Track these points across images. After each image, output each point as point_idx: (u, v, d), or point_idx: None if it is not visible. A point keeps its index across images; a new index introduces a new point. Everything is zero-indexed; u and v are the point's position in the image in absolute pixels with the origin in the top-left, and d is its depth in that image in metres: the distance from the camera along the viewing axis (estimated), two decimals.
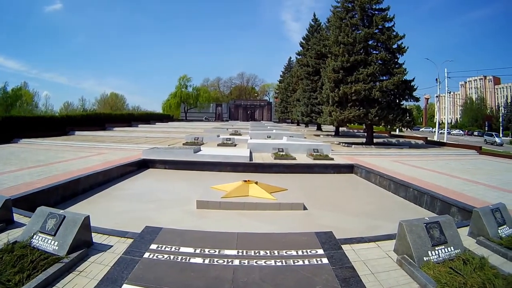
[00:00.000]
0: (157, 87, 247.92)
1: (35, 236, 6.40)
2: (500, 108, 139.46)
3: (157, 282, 5.20)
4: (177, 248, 6.27)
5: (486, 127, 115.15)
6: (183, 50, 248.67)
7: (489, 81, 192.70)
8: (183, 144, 29.36)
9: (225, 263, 5.80)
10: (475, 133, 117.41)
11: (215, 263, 5.81)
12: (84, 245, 6.46)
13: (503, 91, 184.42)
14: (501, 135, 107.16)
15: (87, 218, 6.58)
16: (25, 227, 6.89)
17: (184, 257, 5.97)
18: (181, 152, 21.25)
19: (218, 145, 30.08)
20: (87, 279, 5.53)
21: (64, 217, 6.51)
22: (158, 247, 6.33)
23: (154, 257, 5.97)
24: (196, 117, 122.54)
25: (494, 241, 7.83)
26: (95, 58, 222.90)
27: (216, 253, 6.13)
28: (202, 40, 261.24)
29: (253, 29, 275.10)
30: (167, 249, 6.27)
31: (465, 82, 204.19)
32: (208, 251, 6.17)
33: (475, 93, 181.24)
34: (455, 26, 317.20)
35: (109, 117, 55.97)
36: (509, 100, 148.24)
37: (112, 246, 6.88)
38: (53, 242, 6.21)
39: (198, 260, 5.88)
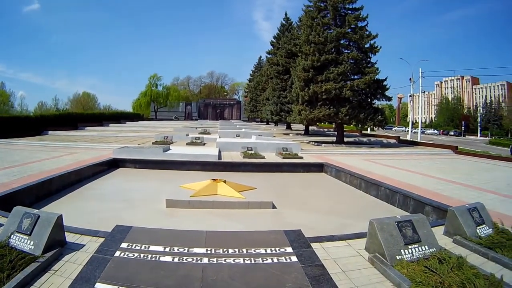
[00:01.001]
0: (128, 86, 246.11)
1: (12, 236, 6.52)
2: (479, 108, 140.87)
3: (128, 281, 5.26)
4: (147, 247, 6.35)
5: (463, 127, 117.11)
6: (153, 48, 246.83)
7: (466, 81, 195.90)
8: (153, 143, 29.70)
9: (194, 262, 5.87)
10: (451, 132, 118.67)
11: (185, 261, 5.89)
12: (58, 244, 6.57)
13: (482, 91, 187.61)
14: (479, 135, 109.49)
15: (60, 218, 6.68)
16: (3, 227, 7.02)
17: (154, 255, 6.04)
18: (151, 151, 21.54)
19: (187, 144, 30.41)
20: (62, 278, 5.62)
21: (39, 216, 6.60)
22: (128, 245, 6.41)
23: (125, 256, 6.03)
24: (166, 116, 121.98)
25: (473, 241, 7.93)
26: (69, 58, 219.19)
27: (185, 251, 6.19)
28: (172, 38, 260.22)
29: (224, 28, 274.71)
30: (137, 247, 6.35)
31: (441, 82, 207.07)
32: (177, 250, 6.23)
33: (451, 93, 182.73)
34: (432, 27, 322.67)
35: (81, 117, 55.81)
36: (488, 100, 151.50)
37: (84, 245, 6.99)
38: (29, 241, 6.33)
39: (168, 258, 5.95)
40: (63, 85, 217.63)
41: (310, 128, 61.01)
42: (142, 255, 6.06)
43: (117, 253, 6.10)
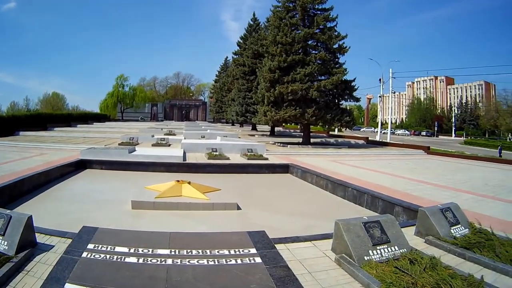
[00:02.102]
0: (96, 86, 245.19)
1: None
2: (453, 108, 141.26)
3: (95, 282, 5.29)
4: (113, 248, 6.35)
5: (436, 127, 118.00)
6: (120, 48, 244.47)
7: (440, 82, 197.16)
8: (119, 144, 29.72)
9: (158, 263, 5.91)
10: (423, 133, 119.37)
11: (149, 262, 5.92)
12: (29, 245, 6.68)
13: (457, 91, 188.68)
14: (453, 135, 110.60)
15: (30, 218, 6.79)
16: None
17: (119, 256, 6.04)
18: (116, 152, 21.67)
19: (153, 145, 30.63)
20: (34, 278, 5.70)
21: (11, 217, 6.72)
22: (95, 246, 6.41)
23: (92, 257, 6.03)
24: (132, 117, 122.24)
25: (447, 241, 7.97)
26: (39, 57, 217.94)
27: (150, 252, 6.22)
28: (140, 37, 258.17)
29: (192, 28, 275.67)
30: (103, 248, 6.34)
31: (413, 83, 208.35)
32: (142, 251, 6.24)
33: (423, 93, 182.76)
34: (404, 27, 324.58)
35: (51, 117, 55.53)
36: (463, 100, 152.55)
37: (54, 246, 7.05)
38: (3, 241, 6.45)
39: (133, 259, 5.96)
40: (34, 85, 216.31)
41: (276, 129, 61.55)
42: (108, 256, 6.08)
43: (84, 254, 6.12)
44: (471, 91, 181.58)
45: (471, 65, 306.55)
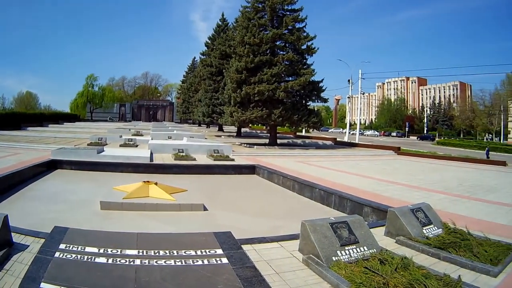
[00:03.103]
0: (68, 85, 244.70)
1: None
2: (425, 109, 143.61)
3: (68, 281, 5.26)
4: (83, 248, 6.30)
5: (407, 128, 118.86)
6: (90, 47, 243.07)
7: (412, 82, 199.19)
8: (88, 144, 29.63)
9: (127, 263, 5.89)
10: (393, 133, 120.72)
11: (118, 262, 5.89)
12: (6, 244, 6.73)
13: (430, 92, 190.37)
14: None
15: (6, 218, 6.82)
16: None
17: (89, 256, 6.01)
18: (85, 153, 21.71)
19: (120, 145, 30.62)
20: (13, 277, 5.76)
21: None
22: (66, 247, 6.34)
23: (64, 257, 5.98)
24: (101, 117, 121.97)
25: (420, 241, 7.97)
26: (16, 56, 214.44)
27: (118, 253, 6.18)
28: (109, 37, 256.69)
29: (162, 28, 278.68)
30: (74, 249, 6.28)
31: (383, 84, 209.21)
32: (111, 251, 6.20)
33: (394, 94, 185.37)
34: (375, 28, 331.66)
35: (24, 117, 56.20)
36: (436, 101, 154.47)
37: (29, 245, 7.11)
38: None
39: (103, 259, 5.93)
40: (11, 83, 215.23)
41: (243, 130, 61.78)
42: (79, 256, 6.04)
43: (57, 254, 6.07)
44: (444, 92, 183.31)
45: (446, 66, 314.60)
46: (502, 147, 55.70)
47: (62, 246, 6.39)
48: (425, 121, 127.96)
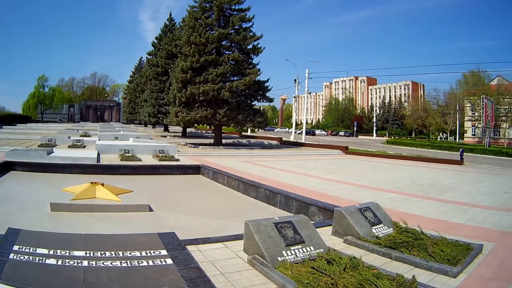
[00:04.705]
0: (21, 86, 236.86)
1: None
2: (374, 108, 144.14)
3: (22, 282, 5.07)
4: (35, 250, 6.08)
5: (355, 127, 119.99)
6: (43, 47, 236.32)
7: (361, 82, 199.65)
8: (38, 145, 29.38)
9: (75, 264, 5.73)
10: (341, 133, 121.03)
11: (67, 264, 5.72)
12: None
13: (380, 91, 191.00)
14: (374, 135, 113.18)
15: None
16: None
17: (41, 258, 5.81)
18: (36, 154, 21.54)
19: (69, 146, 30.38)
20: None
21: None
22: (19, 248, 6.10)
23: (18, 258, 5.74)
24: (51, 118, 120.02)
25: (369, 241, 7.85)
26: None
27: (67, 254, 5.99)
28: (59, 36, 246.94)
29: (111, 28, 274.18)
30: (26, 250, 6.05)
31: (331, 83, 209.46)
32: (60, 252, 6.00)
33: (342, 93, 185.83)
34: (326, 28, 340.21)
35: None
36: (386, 100, 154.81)
37: None
38: None
39: (53, 261, 5.74)
40: None
41: (188, 130, 61.89)
42: (31, 257, 5.84)
43: (11, 255, 5.84)
44: (395, 91, 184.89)
45: (398, 65, 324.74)
46: (458, 146, 55.71)
47: (15, 247, 6.23)
48: (374, 120, 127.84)
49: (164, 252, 6.34)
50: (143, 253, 6.22)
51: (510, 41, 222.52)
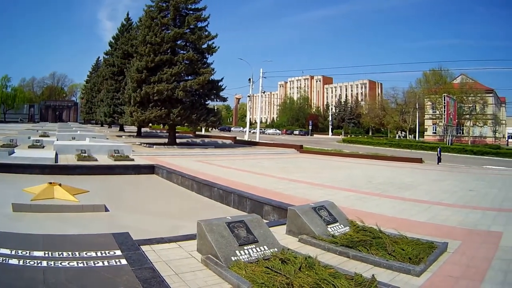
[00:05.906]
0: None
1: None
2: (330, 107, 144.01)
3: None
4: None
5: (310, 126, 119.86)
6: (8, 47, 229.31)
7: (317, 81, 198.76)
8: (1, 146, 28.86)
9: (35, 265, 5.64)
10: (296, 132, 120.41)
11: (28, 264, 5.63)
12: None
13: (336, 90, 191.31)
14: (330, 133, 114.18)
15: None
16: None
17: (4, 258, 5.69)
18: None
19: (29, 147, 30.15)
20: None
21: None
22: None
23: None
24: (13, 118, 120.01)
25: (325, 240, 7.74)
26: None
27: (27, 254, 5.89)
28: (21, 35, 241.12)
29: (70, 27, 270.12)
30: None
31: (286, 82, 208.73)
32: (21, 253, 5.90)
33: (297, 92, 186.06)
34: (281, 28, 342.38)
35: None
36: (342, 99, 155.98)
37: None
38: None
39: (15, 261, 5.64)
40: None
41: (143, 130, 62.08)
42: None
43: None
44: (352, 90, 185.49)
45: (355, 65, 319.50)
46: (418, 144, 57.07)
47: None
48: (330, 119, 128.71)
49: (118, 252, 6.35)
50: (99, 254, 6.19)
51: (473, 39, 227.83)
